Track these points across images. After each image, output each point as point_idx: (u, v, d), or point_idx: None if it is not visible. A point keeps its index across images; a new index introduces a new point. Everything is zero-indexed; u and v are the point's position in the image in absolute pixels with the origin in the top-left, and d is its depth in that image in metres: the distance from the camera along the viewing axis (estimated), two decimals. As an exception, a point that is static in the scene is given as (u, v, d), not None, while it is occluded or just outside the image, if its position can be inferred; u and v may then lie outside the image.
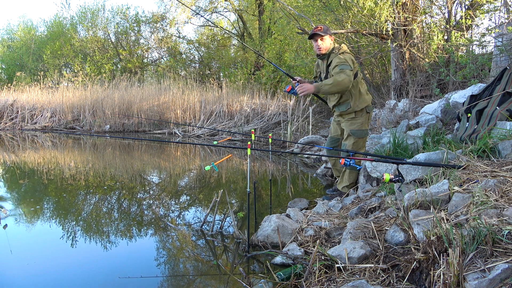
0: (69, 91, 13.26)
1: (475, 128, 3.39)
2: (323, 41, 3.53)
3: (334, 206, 3.40)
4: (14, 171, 5.91)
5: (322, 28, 3.52)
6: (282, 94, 11.31)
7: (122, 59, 17.95)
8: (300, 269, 2.22)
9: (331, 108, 3.89)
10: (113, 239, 3.01)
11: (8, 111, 12.41)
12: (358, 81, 3.64)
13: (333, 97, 3.74)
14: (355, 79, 3.57)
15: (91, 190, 4.65)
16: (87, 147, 8.97)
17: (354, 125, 3.67)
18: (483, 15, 6.39)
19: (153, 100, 11.66)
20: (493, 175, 2.32)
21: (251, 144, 3.14)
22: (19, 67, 19.85)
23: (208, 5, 17.23)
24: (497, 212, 1.89)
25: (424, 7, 7.50)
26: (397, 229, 2.28)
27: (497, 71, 4.78)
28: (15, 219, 3.55)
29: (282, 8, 9.25)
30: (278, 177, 5.44)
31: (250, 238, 2.80)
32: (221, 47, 18.20)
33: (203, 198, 4.34)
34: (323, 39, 3.52)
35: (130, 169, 6.17)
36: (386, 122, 6.14)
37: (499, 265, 1.53)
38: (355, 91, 3.62)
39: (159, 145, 9.03)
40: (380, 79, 9.84)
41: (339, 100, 3.67)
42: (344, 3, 7.63)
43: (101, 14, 18.75)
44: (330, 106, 3.87)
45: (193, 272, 2.49)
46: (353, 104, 3.61)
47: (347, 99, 3.64)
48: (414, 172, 2.83)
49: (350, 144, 3.67)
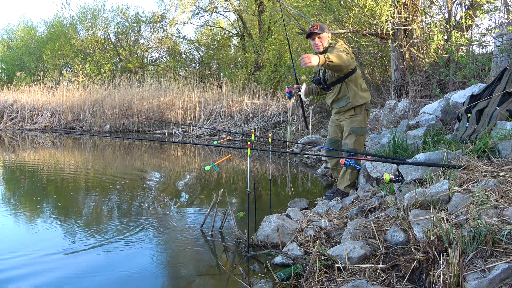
0: (69, 91, 13.26)
1: (475, 128, 3.39)
2: (321, 39, 3.55)
3: (334, 206, 3.40)
4: (14, 171, 5.91)
5: (319, 26, 3.54)
6: (282, 94, 11.32)
7: (122, 59, 17.95)
8: (300, 269, 2.22)
9: (329, 105, 3.88)
10: (113, 239, 3.01)
11: (8, 111, 12.41)
12: (357, 76, 3.64)
13: (331, 93, 3.74)
14: (354, 74, 3.58)
15: (91, 190, 4.65)
16: (87, 147, 8.97)
17: (354, 122, 3.67)
18: (483, 15, 6.39)
19: (153, 100, 11.67)
20: (493, 175, 2.32)
21: (251, 144, 3.14)
22: (19, 67, 19.87)
23: (208, 5, 17.25)
24: (497, 212, 1.89)
25: (424, 7, 7.50)
26: (397, 229, 2.28)
27: (497, 71, 4.78)
28: (15, 218, 3.55)
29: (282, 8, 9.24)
30: (278, 177, 5.44)
31: (250, 238, 2.80)
32: (221, 47, 18.21)
33: (203, 198, 4.34)
34: (320, 37, 3.54)
35: (130, 169, 6.17)
36: (386, 122, 6.14)
37: (499, 265, 1.52)
38: (354, 86, 3.62)
39: (159, 145, 9.03)
40: (380, 79, 9.84)
41: (338, 95, 3.67)
42: (344, 3, 7.64)
43: (101, 14, 18.77)
44: (328, 103, 3.86)
45: (193, 272, 2.49)
46: (352, 98, 3.61)
47: (346, 94, 3.64)
48: (414, 172, 2.83)
49: (351, 142, 3.66)
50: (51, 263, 2.60)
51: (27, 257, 2.67)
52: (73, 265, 2.55)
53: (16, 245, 2.92)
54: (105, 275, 2.42)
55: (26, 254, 2.72)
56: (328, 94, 3.83)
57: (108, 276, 2.40)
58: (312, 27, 3.58)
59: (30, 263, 2.59)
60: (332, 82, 3.69)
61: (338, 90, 3.66)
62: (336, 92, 3.68)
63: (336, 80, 3.64)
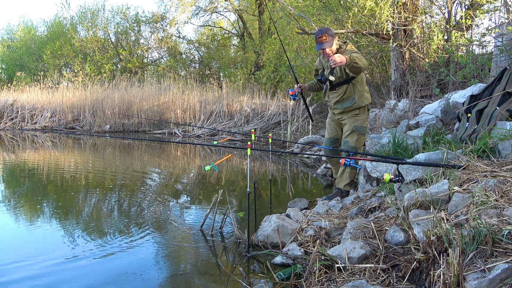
0: (69, 91, 13.26)
1: (475, 128, 3.39)
2: (331, 48, 3.47)
3: (334, 206, 3.40)
4: (14, 171, 5.91)
5: (327, 37, 3.41)
6: (282, 94, 11.31)
7: (122, 59, 17.95)
8: (300, 269, 2.22)
9: (331, 105, 3.83)
10: (113, 239, 3.01)
11: (8, 111, 12.41)
12: (362, 78, 3.63)
13: (335, 93, 3.69)
14: (360, 75, 3.58)
15: (91, 190, 4.65)
16: (87, 147, 8.97)
17: (358, 121, 3.66)
18: (483, 15, 6.39)
19: (153, 100, 11.67)
20: (493, 175, 2.32)
21: (251, 144, 3.14)
22: (19, 67, 19.87)
23: (208, 5, 17.25)
24: (497, 212, 1.89)
25: (424, 7, 7.50)
26: (397, 229, 2.28)
27: (497, 71, 4.78)
28: (15, 218, 3.55)
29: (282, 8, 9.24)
30: (278, 177, 5.44)
31: (250, 238, 2.80)
32: (221, 47, 18.21)
33: (203, 198, 4.34)
34: (330, 47, 3.46)
35: (130, 169, 6.17)
36: (386, 122, 6.14)
37: (499, 265, 1.52)
38: (361, 87, 3.62)
39: (159, 145, 9.03)
40: (380, 79, 9.83)
41: (343, 95, 3.63)
42: (344, 3, 7.64)
43: (101, 14, 18.77)
44: (331, 103, 3.80)
45: (193, 272, 2.49)
46: (358, 99, 3.60)
47: (351, 95, 3.62)
48: (414, 172, 2.83)
49: (353, 140, 3.64)
50: (50, 262, 2.60)
51: (27, 257, 2.67)
52: (72, 264, 2.55)
53: (16, 245, 2.92)
54: (105, 275, 2.42)
55: (26, 254, 2.72)
56: (328, 93, 3.79)
57: (108, 276, 2.40)
58: (319, 37, 3.43)
59: (30, 263, 2.59)
60: (339, 83, 3.64)
61: (343, 91, 3.63)
62: (342, 92, 3.64)
63: (343, 81, 3.61)
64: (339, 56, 3.05)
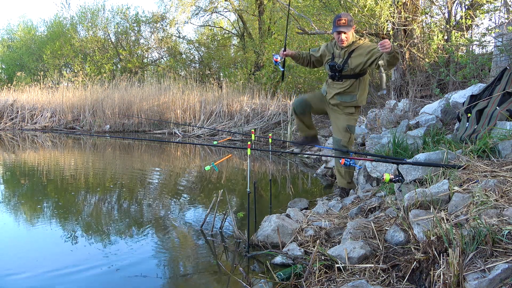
0: (69, 91, 13.25)
1: (475, 128, 3.39)
2: (347, 35, 3.40)
3: (334, 206, 3.40)
4: (14, 171, 5.91)
5: (346, 22, 3.34)
6: (282, 94, 11.31)
7: (122, 59, 17.95)
8: (300, 269, 2.22)
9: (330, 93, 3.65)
10: (113, 239, 3.01)
11: (8, 111, 12.40)
12: (366, 77, 3.62)
13: (340, 85, 3.57)
14: (364, 75, 3.56)
15: (91, 190, 4.65)
16: (87, 147, 8.97)
17: (352, 121, 3.65)
18: (483, 15, 6.39)
19: (153, 100, 11.66)
20: (493, 175, 2.32)
21: (251, 144, 3.14)
22: (19, 67, 19.86)
23: (208, 5, 17.24)
24: (497, 212, 1.89)
25: (424, 7, 7.50)
26: (397, 229, 2.28)
27: (497, 71, 4.78)
28: (15, 218, 3.55)
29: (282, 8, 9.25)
30: (278, 177, 5.44)
31: (250, 238, 2.80)
32: (221, 47, 18.20)
33: (203, 198, 4.34)
34: (347, 33, 3.39)
35: (130, 169, 6.17)
36: (386, 122, 6.14)
37: (499, 265, 1.52)
38: (364, 86, 3.59)
39: (159, 145, 9.03)
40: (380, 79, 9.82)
41: (347, 89, 3.55)
42: (344, 3, 7.64)
43: (101, 14, 18.76)
44: (331, 94, 3.64)
45: (193, 272, 2.49)
46: (359, 98, 3.57)
47: (354, 91, 3.55)
48: (414, 172, 2.83)
49: (345, 140, 3.63)
50: (50, 261, 2.60)
51: (27, 257, 2.67)
52: (72, 264, 2.55)
53: (16, 245, 2.92)
54: (105, 274, 2.42)
55: (25, 254, 2.72)
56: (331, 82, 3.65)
57: (108, 276, 2.40)
58: (338, 19, 3.35)
59: (29, 262, 2.59)
60: (348, 75, 3.53)
61: (349, 85, 3.53)
62: (347, 86, 3.54)
63: (353, 74, 3.51)
64: (388, 42, 2.96)
